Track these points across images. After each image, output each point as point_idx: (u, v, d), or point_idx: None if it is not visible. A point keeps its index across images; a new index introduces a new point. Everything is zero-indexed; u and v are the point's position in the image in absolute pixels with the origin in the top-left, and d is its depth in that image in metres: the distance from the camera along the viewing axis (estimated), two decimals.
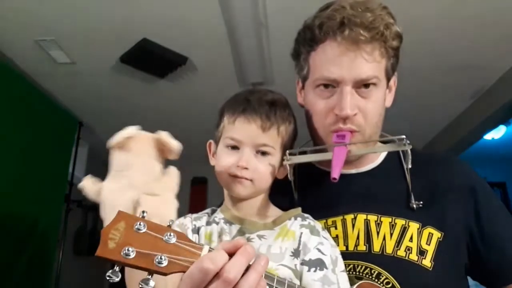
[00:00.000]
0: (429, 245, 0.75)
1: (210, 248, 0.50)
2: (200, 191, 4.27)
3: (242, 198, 0.76)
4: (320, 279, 0.65)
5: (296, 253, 0.68)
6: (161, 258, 0.47)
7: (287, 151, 0.77)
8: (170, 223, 0.51)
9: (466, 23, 2.19)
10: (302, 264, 0.67)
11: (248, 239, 0.71)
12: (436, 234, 0.76)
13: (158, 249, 0.47)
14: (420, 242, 0.75)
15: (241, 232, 0.73)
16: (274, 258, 0.67)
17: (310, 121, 0.85)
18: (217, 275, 0.46)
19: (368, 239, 0.76)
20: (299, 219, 0.75)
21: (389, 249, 0.75)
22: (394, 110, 0.77)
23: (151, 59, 2.47)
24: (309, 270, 0.66)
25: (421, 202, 0.78)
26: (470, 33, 2.27)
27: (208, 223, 0.76)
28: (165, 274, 0.47)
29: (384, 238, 0.76)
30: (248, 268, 0.48)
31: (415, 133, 3.61)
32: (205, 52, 2.46)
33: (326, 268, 0.67)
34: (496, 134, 3.87)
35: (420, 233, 0.76)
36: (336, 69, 0.76)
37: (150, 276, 0.46)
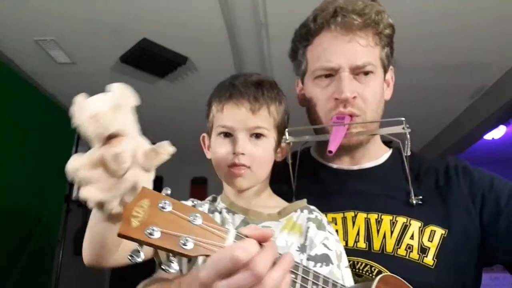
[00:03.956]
0: (431, 241, 0.74)
1: (237, 233, 0.47)
2: (200, 191, 4.27)
3: (243, 190, 0.74)
4: (326, 275, 0.64)
5: (302, 248, 0.67)
6: (186, 239, 0.44)
7: (286, 130, 0.75)
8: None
9: (466, 23, 2.19)
10: (308, 259, 0.66)
11: None
12: (440, 231, 0.75)
13: (183, 230, 0.45)
14: (421, 239, 0.74)
15: (245, 223, 0.70)
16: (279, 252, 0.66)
17: (312, 112, 0.85)
18: (245, 266, 0.44)
19: (368, 237, 0.76)
20: (305, 211, 0.72)
21: (389, 248, 0.74)
22: (394, 110, 0.77)
23: (151, 59, 2.47)
24: (315, 266, 0.65)
25: (420, 197, 0.78)
26: (471, 32, 2.26)
27: (210, 211, 0.74)
28: (189, 257, 0.44)
29: (384, 236, 0.75)
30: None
31: (415, 133, 3.60)
32: (205, 52, 2.46)
33: (332, 263, 0.66)
34: (496, 134, 3.86)
35: (422, 232, 0.75)
36: (333, 57, 0.78)
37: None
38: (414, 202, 0.78)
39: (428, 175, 0.83)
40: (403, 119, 0.75)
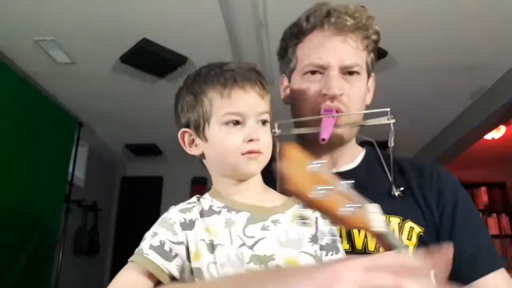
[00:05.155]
0: (410, 240, 0.77)
1: (374, 206, 0.48)
2: (200, 190, 4.27)
3: (252, 175, 0.70)
4: None
5: (314, 239, 0.66)
6: (348, 206, 0.44)
7: (276, 123, 0.75)
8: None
9: (466, 23, 2.19)
10: (321, 249, 0.66)
11: (263, 227, 0.65)
12: (417, 229, 0.78)
13: (341, 197, 0.45)
14: (401, 236, 0.76)
15: (251, 220, 0.66)
16: (294, 245, 0.64)
17: (298, 107, 0.87)
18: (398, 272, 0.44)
19: (350, 238, 0.78)
20: None
21: (371, 247, 0.76)
22: (393, 110, 0.77)
23: (151, 59, 2.48)
24: (327, 254, 0.66)
25: (402, 188, 0.80)
26: (470, 33, 2.27)
27: (205, 214, 0.69)
28: (345, 226, 0.46)
29: (365, 236, 0.77)
30: None
31: (415, 133, 3.61)
32: (205, 52, 2.46)
33: (340, 250, 0.68)
34: (496, 134, 3.86)
35: (401, 228, 0.77)
36: (324, 55, 0.82)
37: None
38: (397, 194, 0.80)
39: (403, 174, 0.85)
40: (388, 109, 0.77)
